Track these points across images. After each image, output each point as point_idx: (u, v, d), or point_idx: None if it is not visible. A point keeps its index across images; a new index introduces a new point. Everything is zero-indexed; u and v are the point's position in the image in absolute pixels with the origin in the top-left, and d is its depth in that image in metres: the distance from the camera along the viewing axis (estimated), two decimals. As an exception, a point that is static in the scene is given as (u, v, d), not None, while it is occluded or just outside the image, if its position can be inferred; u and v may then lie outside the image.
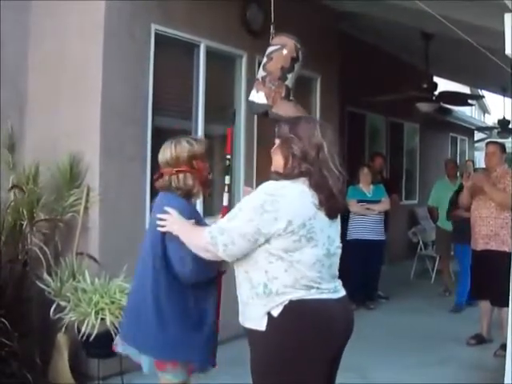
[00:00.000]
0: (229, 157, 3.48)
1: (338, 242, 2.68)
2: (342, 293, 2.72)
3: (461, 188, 8.14)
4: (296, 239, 2.46)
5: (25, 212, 4.75)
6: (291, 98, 3.81)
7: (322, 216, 2.53)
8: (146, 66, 5.45)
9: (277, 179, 2.59)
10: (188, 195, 3.20)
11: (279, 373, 2.52)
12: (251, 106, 3.84)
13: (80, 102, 5.23)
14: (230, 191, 3.43)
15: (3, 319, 4.34)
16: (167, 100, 5.89)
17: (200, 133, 5.95)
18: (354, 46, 9.37)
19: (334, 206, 2.55)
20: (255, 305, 2.54)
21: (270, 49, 3.82)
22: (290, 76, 3.76)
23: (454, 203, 8.04)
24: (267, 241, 2.48)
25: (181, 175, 3.16)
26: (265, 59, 3.81)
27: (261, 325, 2.52)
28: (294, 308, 2.49)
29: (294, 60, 3.78)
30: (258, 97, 3.73)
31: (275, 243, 2.48)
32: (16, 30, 5.39)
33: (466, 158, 17.63)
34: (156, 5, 5.53)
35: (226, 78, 6.63)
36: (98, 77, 5.10)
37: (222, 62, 6.53)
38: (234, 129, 3.71)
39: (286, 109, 3.72)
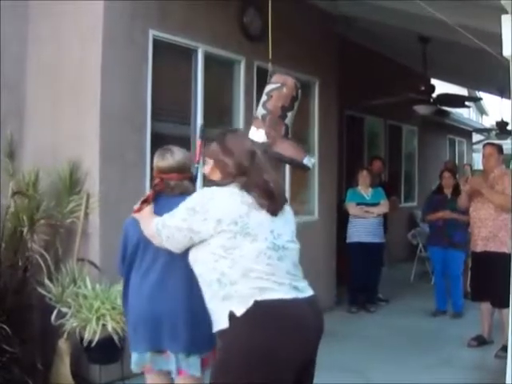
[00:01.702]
0: (197, 166, 3.62)
1: (288, 237, 2.76)
2: (310, 292, 2.74)
3: (438, 189, 8.17)
4: (231, 236, 2.61)
5: (25, 218, 4.76)
6: (289, 136, 3.86)
7: (258, 213, 2.66)
8: (145, 71, 5.46)
9: (210, 185, 2.80)
10: None
11: (242, 374, 2.52)
12: None
13: (79, 107, 5.24)
14: None
15: (4, 325, 4.35)
16: (166, 105, 5.91)
17: (198, 137, 5.96)
18: (351, 49, 9.40)
19: (274, 203, 2.71)
20: (217, 306, 2.64)
21: (270, 87, 3.83)
22: (289, 114, 3.80)
23: (429, 205, 8.07)
24: (204, 240, 2.66)
25: (186, 181, 3.27)
26: (264, 97, 3.82)
27: (224, 324, 2.59)
28: (259, 308, 2.54)
29: (293, 99, 3.81)
30: (258, 135, 3.76)
31: (213, 242, 2.64)
32: (14, 35, 5.40)
33: (464, 160, 17.68)
34: (154, 10, 5.55)
35: (224, 82, 6.65)
36: (96, 82, 5.11)
37: (221, 66, 6.54)
38: (204, 142, 3.83)
39: (285, 147, 3.77)
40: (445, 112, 11.72)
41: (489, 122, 23.19)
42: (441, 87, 11.65)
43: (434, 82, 11.01)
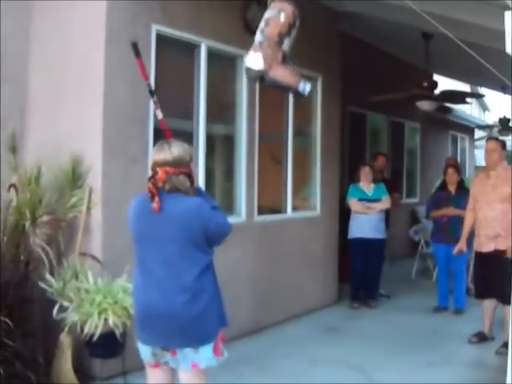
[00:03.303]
0: (148, 82, 3.99)
1: None
2: None
3: (442, 185, 8.15)
4: None
5: (27, 212, 4.76)
6: (287, 62, 3.86)
7: None
8: (148, 66, 5.44)
9: None
10: None
11: None
12: (247, 72, 3.88)
13: (82, 102, 5.24)
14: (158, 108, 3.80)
15: (6, 319, 4.35)
16: (169, 100, 5.89)
17: (201, 133, 5.97)
18: (354, 46, 9.39)
19: None
20: None
21: (268, 13, 3.84)
22: (286, 41, 3.81)
23: (434, 201, 8.05)
24: None
25: (182, 176, 3.17)
26: (262, 23, 3.83)
27: None
28: None
29: (291, 26, 3.82)
30: (255, 58, 3.75)
31: None
32: (17, 30, 5.39)
33: (467, 156, 17.67)
34: (157, 5, 5.53)
35: (227, 77, 6.64)
36: (99, 77, 5.10)
37: (223, 61, 6.53)
38: (142, 60, 4.10)
39: (282, 73, 3.76)
40: (447, 108, 11.70)
41: (491, 118, 23.16)
42: (444, 83, 11.64)
43: (436, 78, 11.00)
